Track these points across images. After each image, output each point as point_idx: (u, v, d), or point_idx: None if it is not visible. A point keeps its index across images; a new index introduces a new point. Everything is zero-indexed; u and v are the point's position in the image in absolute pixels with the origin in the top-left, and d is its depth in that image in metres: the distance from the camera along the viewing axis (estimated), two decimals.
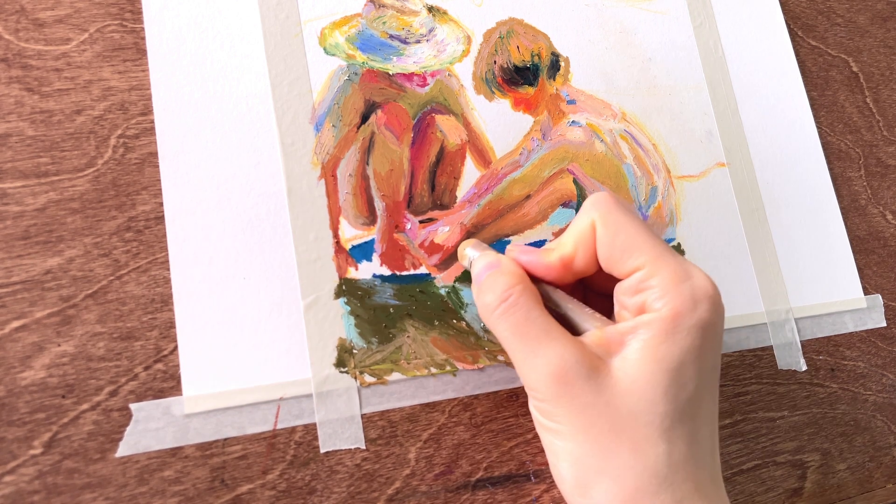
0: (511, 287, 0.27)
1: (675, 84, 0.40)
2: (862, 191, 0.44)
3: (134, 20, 0.31)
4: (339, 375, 0.30)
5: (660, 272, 0.26)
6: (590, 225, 0.27)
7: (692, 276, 0.26)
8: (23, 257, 0.27)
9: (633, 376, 0.25)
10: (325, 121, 0.32)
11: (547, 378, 0.25)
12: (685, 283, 0.25)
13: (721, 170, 0.39)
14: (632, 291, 0.26)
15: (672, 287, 0.25)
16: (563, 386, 0.25)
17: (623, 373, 0.25)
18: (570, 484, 0.26)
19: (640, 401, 0.25)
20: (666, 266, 0.26)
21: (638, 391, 0.25)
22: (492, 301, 0.27)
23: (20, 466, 0.25)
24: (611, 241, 0.27)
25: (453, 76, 0.35)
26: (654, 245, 0.26)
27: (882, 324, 0.41)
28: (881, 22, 0.48)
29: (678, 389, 0.25)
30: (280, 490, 0.28)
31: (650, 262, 0.26)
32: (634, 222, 0.27)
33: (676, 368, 0.25)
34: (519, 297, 0.27)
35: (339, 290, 0.31)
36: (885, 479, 0.39)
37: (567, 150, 0.36)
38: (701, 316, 0.25)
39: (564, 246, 0.28)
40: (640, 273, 0.26)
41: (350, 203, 0.32)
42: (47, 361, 0.27)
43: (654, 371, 0.25)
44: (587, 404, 0.25)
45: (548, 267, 0.28)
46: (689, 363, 0.25)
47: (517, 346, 0.26)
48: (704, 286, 0.26)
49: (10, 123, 0.28)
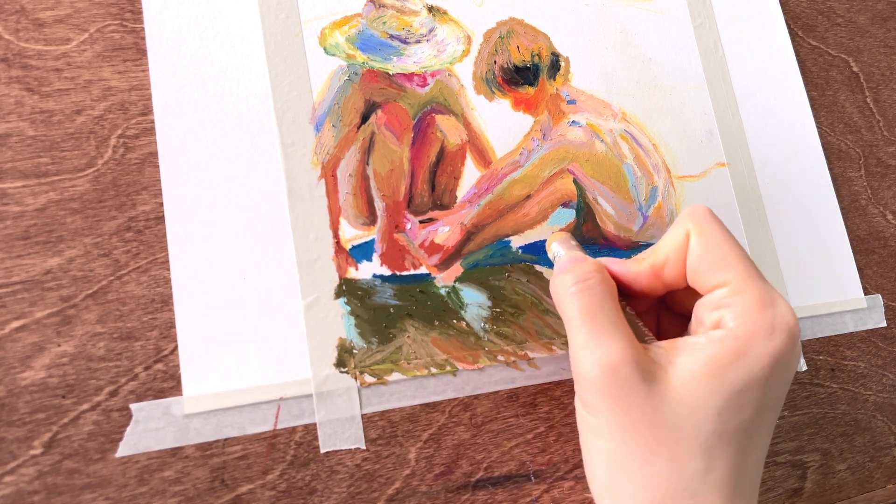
0: (593, 272, 0.27)
1: (675, 84, 0.40)
2: (862, 191, 0.44)
3: (134, 20, 0.31)
4: (340, 375, 0.30)
5: (744, 292, 0.25)
6: (684, 235, 0.27)
7: (776, 303, 0.25)
8: (23, 257, 0.27)
9: (690, 388, 0.24)
10: (325, 121, 0.32)
11: (601, 368, 0.25)
12: (767, 310, 0.25)
13: (721, 170, 0.39)
14: (712, 307, 0.26)
15: (753, 310, 0.25)
16: (614, 380, 0.25)
17: (680, 382, 0.25)
18: (600, 483, 0.25)
19: (690, 414, 0.24)
20: (752, 288, 0.25)
21: (691, 403, 0.24)
22: (570, 279, 0.27)
23: (20, 466, 0.25)
24: (702, 253, 0.26)
25: (453, 76, 0.35)
26: (744, 265, 0.26)
27: (882, 324, 0.41)
28: (881, 22, 0.48)
29: (734, 412, 0.24)
30: (280, 490, 0.28)
31: (737, 280, 0.25)
32: (729, 239, 0.27)
33: (738, 391, 0.24)
34: (598, 284, 0.27)
35: (339, 290, 0.31)
36: (885, 479, 0.39)
37: (567, 150, 0.36)
38: (776, 346, 0.25)
39: (656, 254, 0.28)
40: (724, 290, 0.26)
41: (350, 203, 0.32)
42: (47, 361, 0.27)
43: (713, 387, 0.24)
44: (633, 404, 0.24)
45: (637, 274, 0.28)
46: (753, 389, 0.24)
47: (581, 328, 0.26)
48: (786, 317, 0.25)
49: (10, 123, 0.28)
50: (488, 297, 0.33)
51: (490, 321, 0.32)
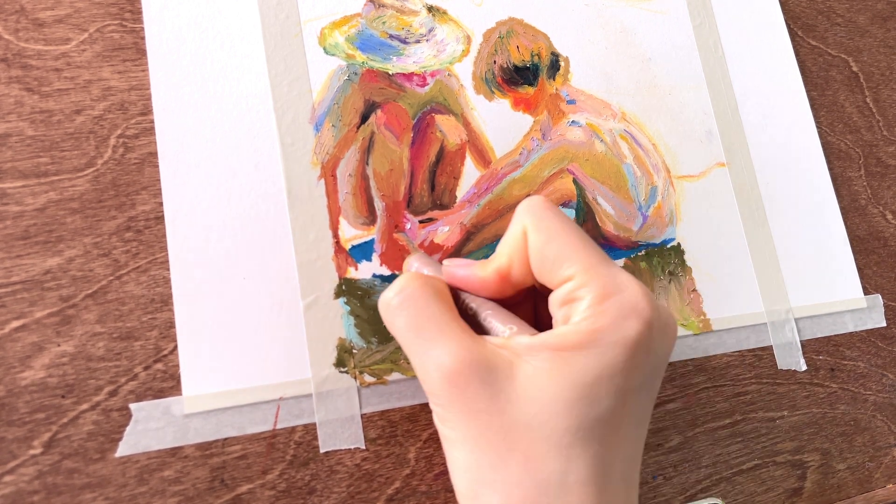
0: (410, 281, 0.25)
1: (675, 84, 0.40)
2: (862, 191, 0.44)
3: (134, 20, 0.31)
4: (339, 375, 0.30)
5: (588, 284, 0.24)
6: (521, 233, 0.25)
7: (624, 289, 0.24)
8: (23, 257, 0.27)
9: (538, 385, 0.23)
10: (324, 121, 0.32)
11: (440, 378, 0.23)
12: (613, 297, 0.23)
13: (721, 170, 0.39)
14: (560, 303, 0.25)
15: (598, 300, 0.23)
16: (456, 388, 0.23)
17: (527, 380, 0.23)
18: (462, 495, 0.24)
19: (539, 412, 0.23)
20: (596, 278, 0.24)
21: (539, 402, 0.23)
22: (389, 294, 0.25)
23: (20, 466, 0.25)
24: (542, 249, 0.25)
25: (453, 76, 0.35)
26: (587, 255, 0.24)
27: (882, 324, 0.41)
28: (881, 22, 0.48)
29: (586, 406, 0.23)
30: (280, 490, 0.28)
31: (580, 272, 0.24)
32: (568, 229, 0.25)
33: (588, 384, 0.23)
34: (415, 290, 0.25)
35: (339, 290, 0.31)
36: (885, 479, 0.39)
37: (567, 149, 0.36)
38: (627, 333, 0.23)
39: (499, 258, 0.26)
40: (570, 284, 0.24)
41: (350, 203, 0.32)
42: (47, 361, 0.27)
43: (560, 383, 0.23)
44: (480, 410, 0.23)
45: (483, 281, 0.26)
46: (605, 380, 0.23)
47: (411, 342, 0.25)
48: (635, 301, 0.23)
49: (10, 123, 0.28)
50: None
51: None
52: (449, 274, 0.27)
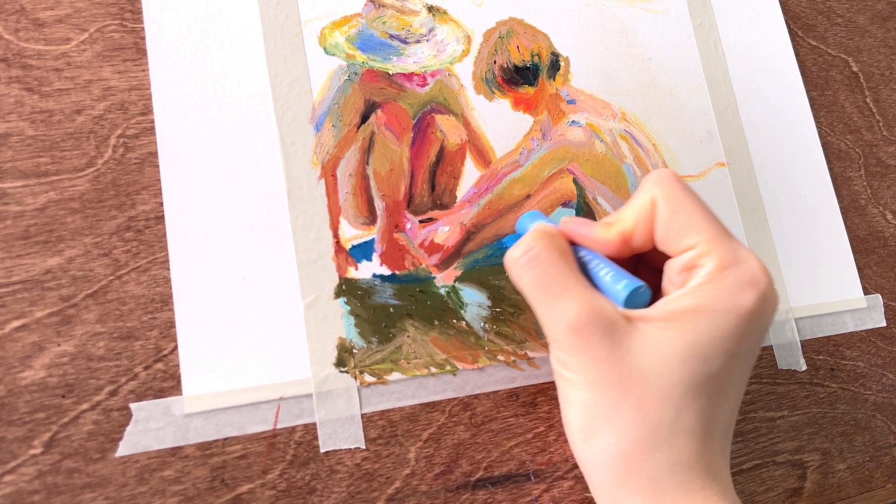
0: (536, 240, 0.28)
1: (675, 84, 0.40)
2: (862, 191, 0.44)
3: (134, 20, 0.31)
4: (339, 375, 0.30)
5: (711, 253, 0.26)
6: (650, 201, 0.27)
7: (743, 261, 0.26)
8: (23, 257, 0.27)
9: (655, 341, 0.25)
10: (325, 120, 0.32)
11: (565, 329, 0.26)
12: (733, 268, 0.26)
13: (721, 170, 0.39)
14: (680, 269, 0.27)
15: (719, 269, 0.26)
16: (579, 337, 0.26)
17: (645, 335, 0.26)
18: (575, 429, 0.26)
19: (656, 365, 0.25)
20: (719, 248, 0.26)
21: (655, 356, 0.25)
22: (516, 253, 0.28)
23: (20, 466, 0.25)
24: (669, 218, 0.27)
25: (453, 76, 0.35)
26: (711, 226, 0.26)
27: (882, 324, 0.41)
28: (881, 22, 0.48)
29: (699, 364, 0.25)
30: (280, 490, 0.28)
31: (704, 242, 0.26)
32: (695, 202, 0.27)
33: (702, 343, 0.25)
34: (542, 250, 0.27)
35: (339, 289, 0.31)
36: (885, 479, 0.39)
37: (567, 149, 0.36)
38: (742, 303, 0.25)
39: (624, 221, 0.28)
40: (692, 252, 0.26)
41: (350, 203, 0.32)
42: (47, 361, 0.27)
43: (675, 339, 0.25)
44: (601, 357, 0.25)
45: (606, 241, 0.28)
46: (718, 343, 0.25)
47: (539, 297, 0.27)
48: (753, 273, 0.26)
49: (10, 123, 0.28)
50: (488, 297, 0.33)
51: (490, 321, 0.32)
52: (569, 230, 0.29)
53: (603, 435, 0.26)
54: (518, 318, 0.33)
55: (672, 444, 0.25)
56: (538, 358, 0.33)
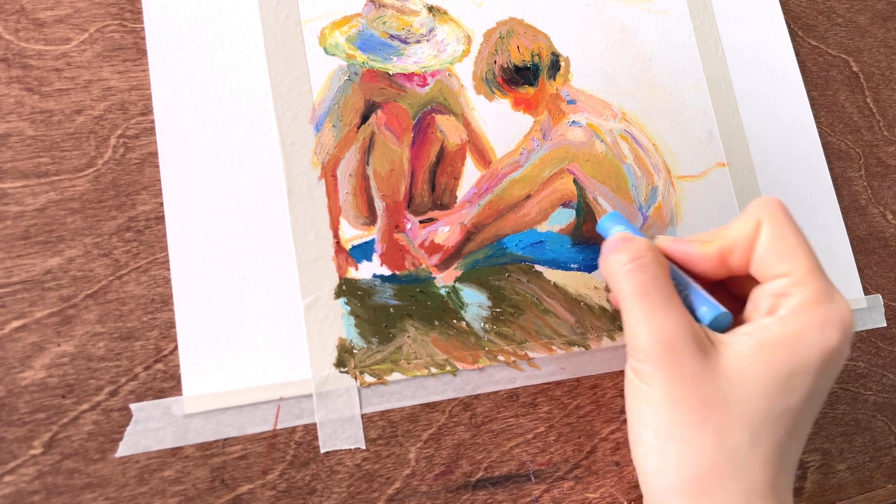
0: (646, 250, 0.28)
1: (675, 84, 0.40)
2: (862, 191, 0.44)
3: (134, 20, 0.31)
4: (339, 375, 0.30)
5: (805, 285, 0.26)
6: (755, 223, 0.28)
7: (834, 298, 0.26)
8: (23, 257, 0.27)
9: (739, 367, 0.25)
10: (325, 121, 0.32)
11: (657, 341, 0.26)
12: (825, 304, 0.26)
13: (721, 170, 0.39)
14: (771, 294, 0.27)
15: (811, 303, 0.26)
16: (670, 352, 0.26)
17: (732, 361, 0.26)
18: (646, 448, 0.26)
19: (738, 391, 0.25)
20: (813, 281, 0.26)
21: (739, 381, 0.25)
22: (623, 258, 0.28)
23: (20, 466, 0.25)
24: (771, 243, 0.27)
25: (453, 76, 0.35)
26: (809, 260, 0.27)
27: (882, 324, 0.41)
28: (881, 22, 0.48)
29: (781, 395, 0.25)
30: (280, 490, 0.28)
31: (799, 272, 0.26)
32: (797, 232, 0.27)
33: (786, 376, 0.25)
34: (651, 261, 0.28)
35: (339, 290, 0.31)
36: (885, 479, 0.39)
37: (567, 150, 0.36)
38: (828, 340, 0.25)
39: (725, 238, 0.28)
40: (786, 280, 0.26)
41: (350, 203, 0.32)
42: (47, 361, 0.27)
43: (760, 369, 0.25)
44: (687, 375, 0.25)
45: (704, 256, 0.28)
46: (802, 376, 0.25)
47: (637, 304, 0.27)
48: (842, 313, 0.26)
49: (10, 123, 0.28)
50: (488, 297, 0.33)
51: (490, 321, 0.32)
52: (664, 245, 0.29)
53: (678, 457, 0.25)
54: (518, 318, 0.33)
55: (748, 473, 0.25)
56: (538, 358, 0.33)
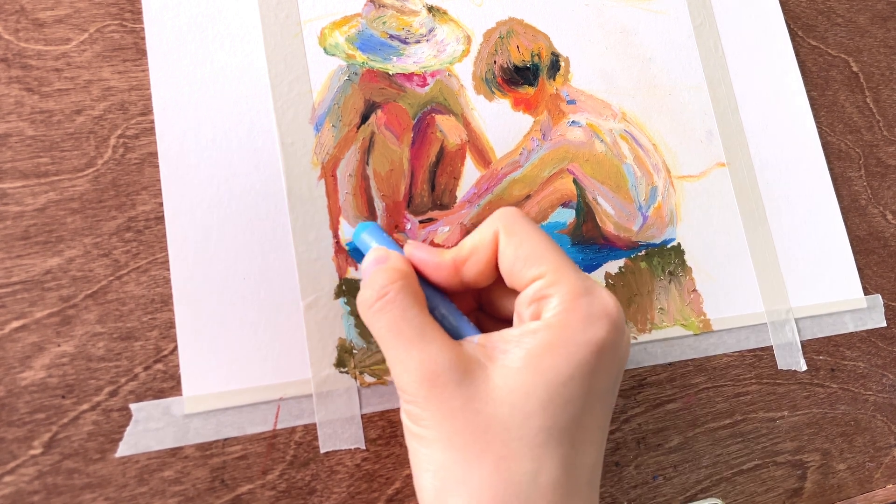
0: (391, 283, 0.26)
1: (675, 84, 0.40)
2: (862, 191, 0.44)
3: (134, 20, 0.31)
4: (339, 375, 0.30)
5: (559, 283, 0.25)
6: (492, 234, 0.26)
7: (593, 291, 0.25)
8: (23, 257, 0.27)
9: (511, 385, 0.23)
10: (325, 121, 0.32)
11: (418, 379, 0.24)
12: (583, 298, 0.24)
13: (721, 170, 0.39)
14: (529, 300, 0.25)
15: (569, 299, 0.24)
16: (434, 388, 0.24)
17: (501, 380, 0.24)
18: (429, 494, 0.24)
19: (513, 412, 0.23)
20: (566, 278, 0.25)
21: (513, 401, 0.23)
22: (369, 296, 0.26)
23: (20, 466, 0.25)
24: (514, 250, 0.26)
25: (453, 76, 0.35)
26: (557, 258, 0.25)
27: (882, 324, 0.41)
28: (881, 22, 0.48)
29: (559, 407, 0.23)
30: (280, 490, 0.28)
31: (551, 272, 0.25)
32: (540, 235, 0.26)
33: (561, 383, 0.23)
34: (397, 294, 0.26)
35: (339, 290, 0.31)
36: (885, 479, 0.39)
37: (567, 150, 0.36)
38: (596, 334, 0.24)
39: (461, 249, 0.27)
40: (540, 282, 0.25)
41: (350, 203, 0.32)
42: (47, 361, 0.27)
43: (534, 382, 0.23)
44: (456, 409, 0.23)
45: (438, 266, 0.27)
46: (577, 381, 0.23)
47: (391, 344, 0.25)
48: (604, 304, 0.24)
49: (10, 123, 0.28)
50: None
51: None
52: (409, 251, 0.28)
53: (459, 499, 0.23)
54: None
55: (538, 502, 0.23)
56: None
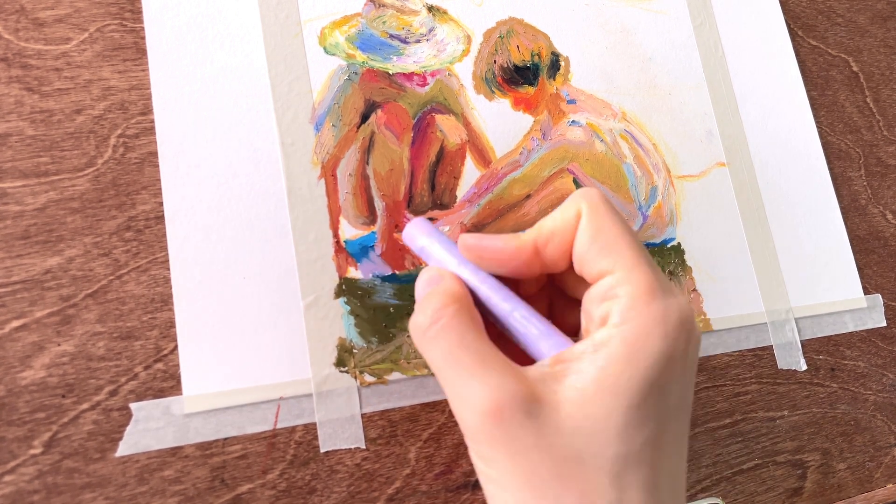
0: (444, 307, 0.23)
1: (675, 84, 0.40)
2: (862, 191, 0.44)
3: (134, 20, 0.31)
4: (339, 375, 0.30)
5: (631, 281, 0.22)
6: (574, 214, 0.24)
7: (667, 294, 0.22)
8: (23, 257, 0.27)
9: (585, 411, 0.21)
10: (325, 120, 0.32)
11: (481, 415, 0.21)
12: (657, 301, 0.22)
13: (721, 170, 0.39)
14: (599, 299, 0.23)
15: (641, 301, 0.22)
16: (500, 425, 0.21)
17: (572, 406, 0.21)
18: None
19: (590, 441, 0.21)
20: (640, 276, 0.22)
21: (588, 429, 0.21)
22: (423, 322, 0.24)
23: (20, 466, 0.25)
24: (591, 236, 0.23)
25: (453, 76, 0.35)
26: (634, 252, 0.23)
27: (882, 323, 0.41)
28: (881, 22, 0.48)
29: (635, 429, 0.21)
30: (280, 490, 0.28)
31: (624, 268, 0.22)
32: (621, 225, 0.24)
33: (636, 405, 0.21)
34: (452, 319, 0.23)
35: (339, 289, 0.31)
36: (885, 479, 0.39)
37: (567, 149, 0.36)
38: (669, 343, 0.22)
39: (541, 230, 0.24)
40: (610, 278, 0.23)
41: (350, 203, 0.32)
42: (47, 361, 0.27)
43: (608, 406, 0.21)
44: (528, 447, 0.21)
45: (517, 250, 0.24)
46: (651, 398, 0.21)
47: (448, 375, 0.23)
48: (679, 308, 0.22)
49: (10, 123, 0.28)
50: None
51: None
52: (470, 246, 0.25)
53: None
54: None
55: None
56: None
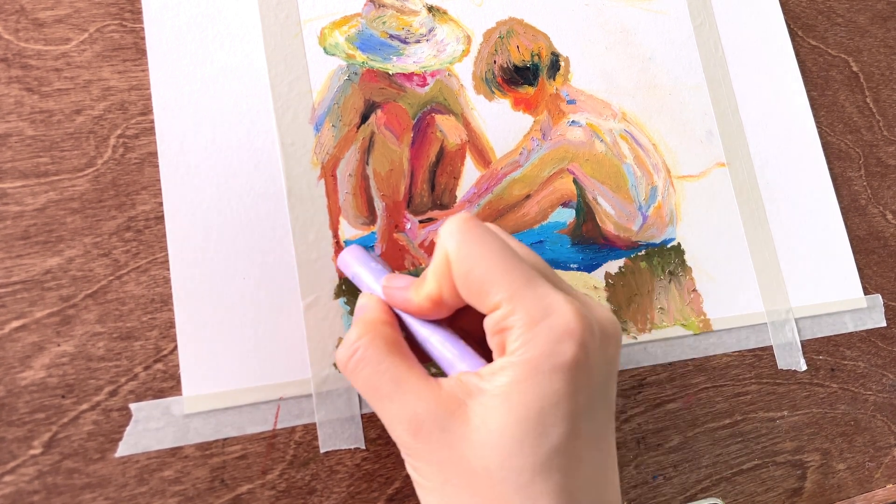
0: (359, 338, 0.25)
1: (675, 84, 0.40)
2: (862, 191, 0.44)
3: (134, 20, 0.31)
4: (340, 375, 0.30)
5: (516, 311, 0.23)
6: (444, 259, 0.25)
7: (553, 312, 0.23)
8: (23, 257, 0.27)
9: (489, 427, 0.22)
10: (324, 121, 0.32)
11: (405, 432, 0.23)
12: (542, 323, 0.23)
13: (721, 170, 0.39)
14: (493, 331, 0.24)
15: (528, 328, 0.23)
16: (419, 438, 0.23)
17: (480, 422, 0.23)
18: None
19: (493, 454, 0.22)
20: (522, 302, 0.23)
21: (492, 443, 0.22)
22: (342, 356, 0.25)
23: (20, 466, 0.25)
24: (466, 276, 0.24)
25: (453, 76, 0.35)
26: (512, 279, 0.23)
27: (882, 324, 0.41)
28: (881, 22, 0.48)
29: (537, 439, 0.22)
30: (280, 490, 0.28)
31: (507, 299, 0.23)
32: (490, 252, 0.24)
33: (532, 418, 0.22)
34: (366, 350, 0.25)
35: (339, 290, 0.31)
36: (885, 479, 0.39)
37: (567, 149, 0.36)
38: (562, 358, 0.22)
39: (428, 284, 0.25)
40: (498, 313, 0.23)
41: (350, 203, 0.32)
42: (47, 361, 0.27)
43: (506, 421, 0.22)
44: (444, 459, 0.23)
45: (419, 307, 0.26)
46: (551, 409, 0.22)
47: (372, 399, 0.24)
48: (566, 323, 0.23)
49: (10, 123, 0.28)
50: None
51: None
52: (389, 296, 0.27)
53: None
54: None
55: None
56: None
